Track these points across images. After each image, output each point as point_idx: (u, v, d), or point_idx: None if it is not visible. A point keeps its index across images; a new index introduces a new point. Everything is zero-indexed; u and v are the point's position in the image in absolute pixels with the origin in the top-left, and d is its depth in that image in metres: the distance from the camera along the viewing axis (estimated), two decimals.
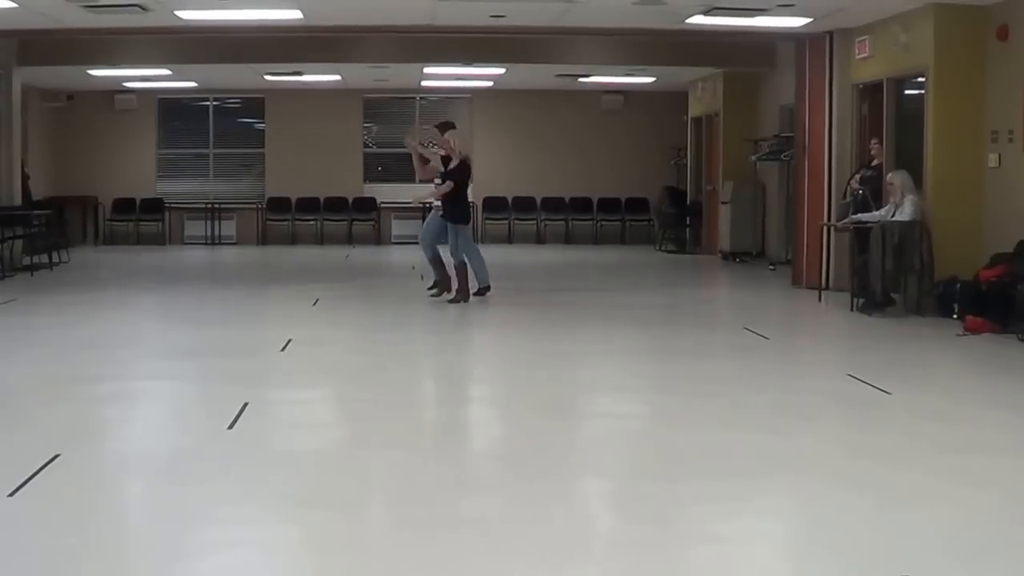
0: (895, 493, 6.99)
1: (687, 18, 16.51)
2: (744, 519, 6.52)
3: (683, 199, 26.02)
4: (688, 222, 25.72)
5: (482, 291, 16.32)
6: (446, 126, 16.95)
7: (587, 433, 9.00)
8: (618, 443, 8.50)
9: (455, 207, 16.16)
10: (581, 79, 25.72)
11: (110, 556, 5.95)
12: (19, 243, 21.50)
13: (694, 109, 25.95)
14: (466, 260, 16.09)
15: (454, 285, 15.99)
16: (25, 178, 23.34)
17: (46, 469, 7.41)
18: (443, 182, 16.14)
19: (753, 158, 22.18)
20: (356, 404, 10.00)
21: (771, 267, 21.10)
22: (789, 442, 8.30)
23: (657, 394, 10.40)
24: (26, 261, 21.37)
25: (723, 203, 23.23)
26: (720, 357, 12.31)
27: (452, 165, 16.12)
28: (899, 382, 10.48)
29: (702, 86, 25.09)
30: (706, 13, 16.09)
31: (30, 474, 7.25)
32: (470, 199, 17.59)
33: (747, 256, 22.64)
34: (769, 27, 17.31)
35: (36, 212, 22.46)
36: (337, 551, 6.02)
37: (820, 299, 16.36)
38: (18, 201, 22.39)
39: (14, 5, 15.62)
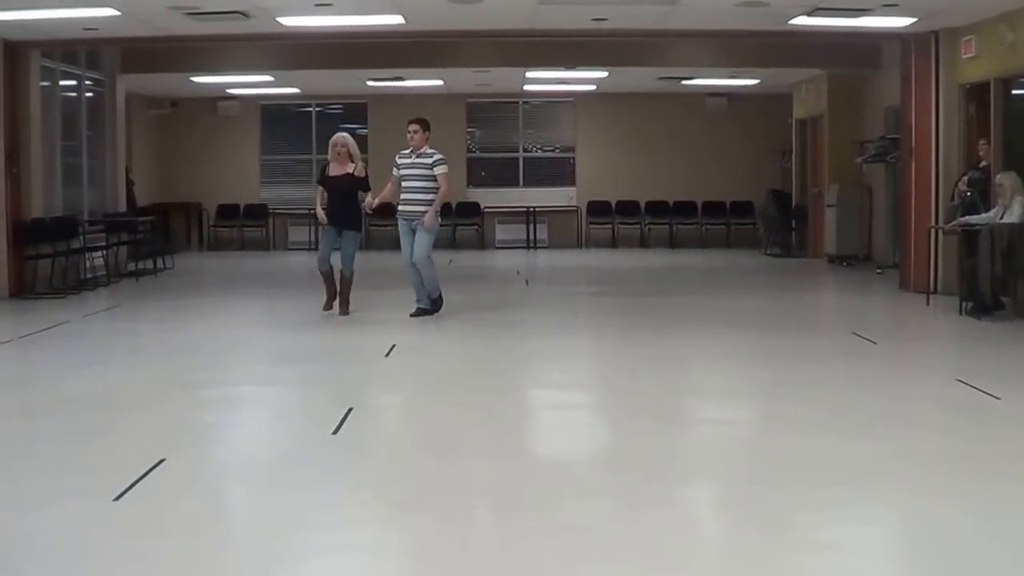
0: (1003, 503, 6.85)
1: (790, 19, 16.38)
2: (851, 526, 6.42)
3: (788, 202, 25.82)
4: (793, 225, 25.52)
5: (440, 305, 15.44)
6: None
7: (693, 439, 8.92)
8: (724, 448, 8.42)
9: (356, 215, 15.65)
10: (684, 82, 25.61)
11: (213, 561, 5.96)
12: (124, 249, 21.73)
13: (798, 111, 25.74)
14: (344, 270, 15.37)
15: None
16: (130, 184, 23.60)
17: (151, 474, 7.47)
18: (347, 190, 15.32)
19: (859, 160, 21.96)
20: (459, 410, 9.98)
21: (878, 271, 20.86)
22: (897, 448, 8.17)
23: (763, 399, 10.30)
24: (131, 267, 21.60)
25: (829, 206, 23.02)
26: (827, 362, 12.16)
27: (358, 171, 15.41)
28: (1009, 387, 10.30)
29: (806, 88, 24.89)
30: (810, 14, 15.96)
31: (135, 479, 7.30)
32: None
33: (854, 260, 22.40)
34: (873, 27, 17.13)
35: (141, 218, 22.71)
36: (440, 557, 6.00)
37: (928, 303, 16.14)
38: (123, 207, 22.65)
39: (118, 13, 15.76)
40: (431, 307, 15.24)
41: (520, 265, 24.21)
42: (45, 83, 19.45)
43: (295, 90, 27.14)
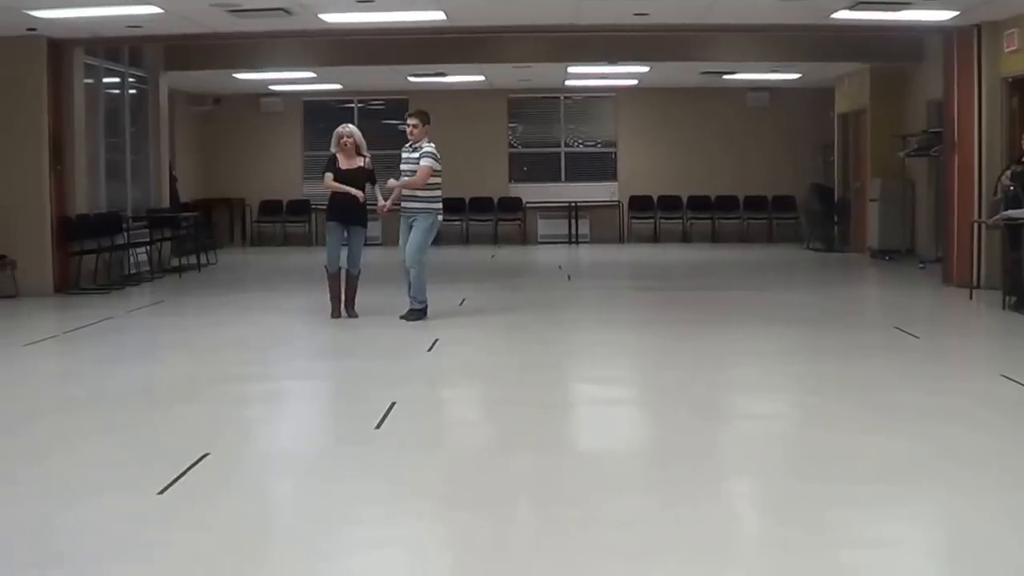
0: None
1: (832, 13, 16.33)
2: (892, 523, 6.40)
3: (831, 196, 25.73)
4: (836, 220, 25.43)
5: (423, 314, 14.62)
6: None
7: (735, 434, 8.91)
8: (766, 444, 8.41)
9: (363, 210, 14.92)
10: (726, 76, 25.56)
11: (257, 555, 6.00)
12: (168, 245, 21.83)
13: (840, 105, 25.64)
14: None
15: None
16: (173, 181, 23.70)
17: (195, 468, 7.52)
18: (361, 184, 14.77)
19: (901, 154, 21.87)
20: (502, 404, 10.01)
21: (921, 265, 20.77)
22: (939, 445, 8.15)
23: (805, 394, 10.28)
24: (175, 262, 21.71)
25: (871, 200, 22.95)
26: (870, 357, 12.13)
27: (368, 164, 15.01)
28: None
29: (848, 82, 24.79)
30: (852, 8, 15.92)
31: (179, 472, 7.36)
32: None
33: (896, 254, 22.31)
34: (916, 21, 17.08)
35: (184, 214, 22.81)
36: (483, 552, 6.02)
37: (971, 297, 16.08)
38: (167, 204, 22.75)
39: (161, 11, 15.84)
40: (421, 311, 14.56)
41: (562, 260, 24.22)
42: (89, 81, 19.55)
43: (337, 86, 27.21)
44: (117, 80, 21.43)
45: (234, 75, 24.37)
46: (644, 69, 24.32)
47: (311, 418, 9.96)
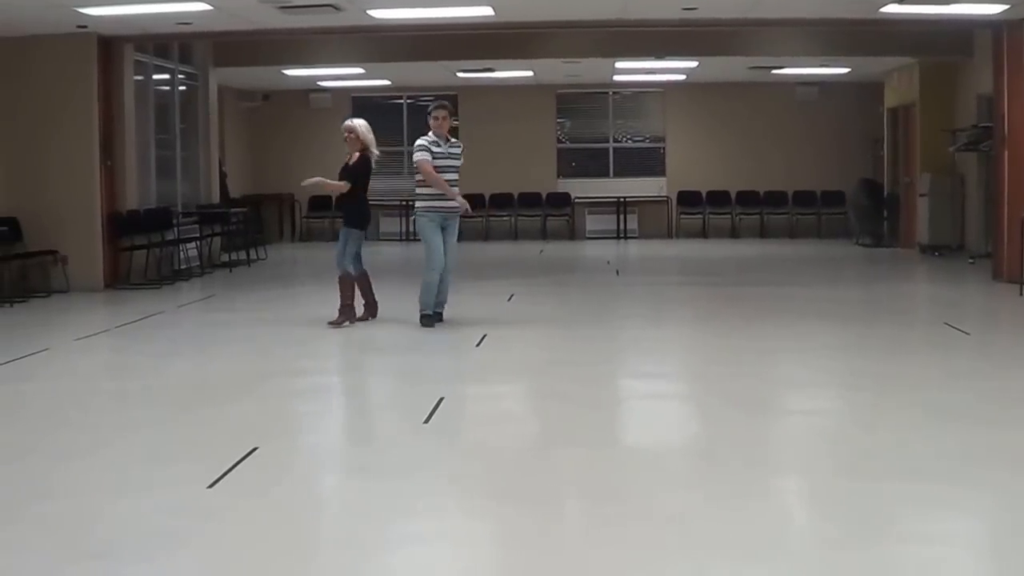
0: None
1: (881, 7, 16.26)
2: (942, 520, 6.38)
3: (880, 192, 25.63)
4: (885, 215, 25.33)
5: (426, 318, 13.72)
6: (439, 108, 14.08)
7: (784, 429, 8.89)
8: (814, 440, 8.39)
9: (350, 208, 14.25)
10: (774, 71, 25.50)
11: (305, 549, 6.03)
12: (218, 240, 21.93)
13: (890, 100, 25.52)
14: (351, 271, 13.95)
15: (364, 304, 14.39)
16: (223, 176, 23.83)
17: (245, 462, 7.56)
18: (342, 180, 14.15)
19: (951, 149, 21.76)
20: (550, 399, 10.01)
21: (971, 260, 20.66)
22: (989, 441, 8.09)
23: (854, 391, 10.24)
24: (224, 258, 21.82)
25: (921, 195, 22.83)
26: (919, 353, 12.09)
27: (352, 160, 14.21)
28: None
29: (898, 76, 24.68)
30: (901, 1, 15.85)
31: (229, 466, 7.40)
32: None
33: (946, 249, 22.19)
34: (965, 15, 16.99)
35: (234, 210, 22.89)
36: (530, 547, 6.03)
37: (1021, 293, 15.97)
38: (217, 199, 22.87)
39: (210, 8, 15.92)
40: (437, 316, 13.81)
41: (610, 255, 24.19)
42: (139, 77, 19.66)
43: (386, 82, 27.27)
44: (167, 77, 21.54)
45: (283, 71, 24.47)
46: (692, 64, 24.29)
47: (360, 413, 10.00)
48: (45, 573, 5.67)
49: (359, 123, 14.45)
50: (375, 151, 14.40)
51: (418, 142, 13.79)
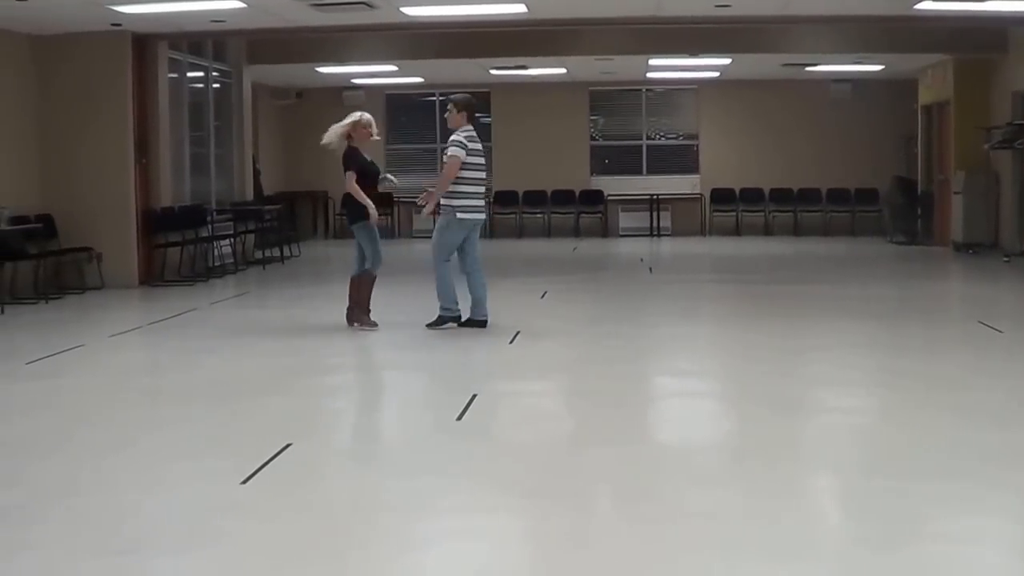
0: None
1: (915, 3, 16.23)
2: (975, 518, 6.34)
3: (914, 189, 25.53)
4: (919, 213, 25.23)
5: (441, 321, 13.20)
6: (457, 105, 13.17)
7: (816, 428, 8.86)
8: (846, 439, 8.36)
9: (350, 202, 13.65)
10: (808, 68, 25.43)
11: (338, 545, 6.04)
12: (251, 237, 21.99)
13: (924, 97, 25.43)
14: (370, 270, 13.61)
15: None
16: (257, 174, 23.88)
17: (278, 458, 7.58)
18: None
19: (986, 147, 21.68)
20: (583, 397, 10.03)
21: (1005, 259, 20.58)
22: (1022, 440, 8.08)
23: (886, 389, 10.21)
24: (258, 255, 21.86)
25: (955, 193, 22.74)
26: (952, 351, 12.04)
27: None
28: None
29: (932, 73, 24.58)
30: None
31: (262, 463, 7.42)
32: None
33: (980, 247, 22.10)
34: (1000, 12, 16.94)
35: (267, 207, 22.96)
36: (563, 544, 6.03)
37: None
38: (250, 196, 22.92)
39: (243, 5, 15.97)
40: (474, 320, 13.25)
41: (643, 253, 24.18)
42: (173, 75, 19.72)
43: (419, 79, 27.30)
44: (201, 74, 21.60)
45: (317, 69, 24.55)
46: (726, 61, 24.25)
47: (393, 409, 10.02)
48: (77, 568, 5.69)
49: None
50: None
51: (453, 137, 13.00)
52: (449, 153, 12.87)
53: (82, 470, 7.50)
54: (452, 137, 12.93)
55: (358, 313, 13.42)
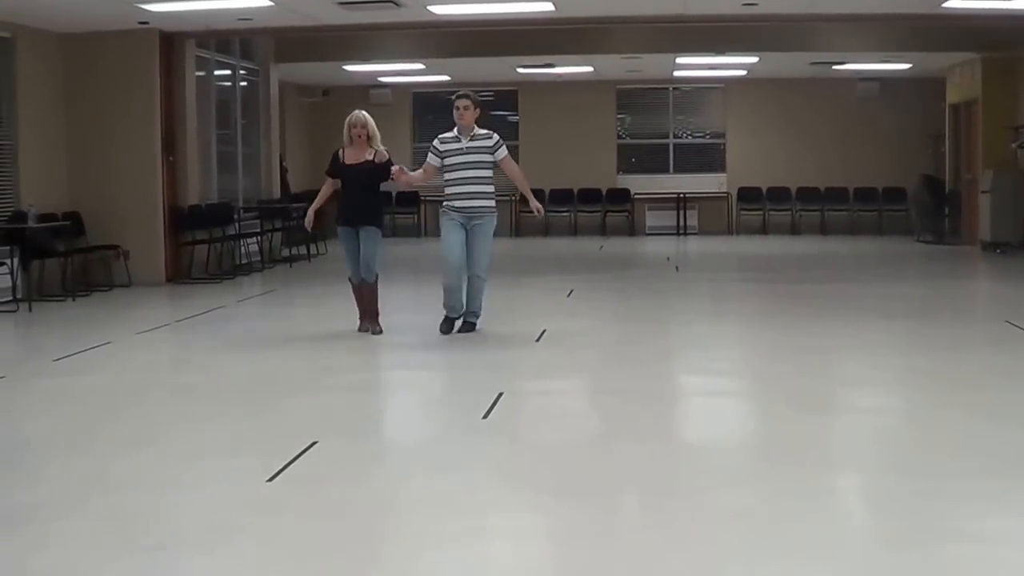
0: None
1: (943, 1, 16.16)
2: (1003, 518, 6.32)
3: (941, 188, 25.44)
4: (947, 212, 25.15)
5: (444, 322, 12.87)
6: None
7: (842, 427, 8.83)
8: (871, 438, 8.34)
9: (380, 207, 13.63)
10: (835, 66, 25.35)
11: (364, 542, 6.05)
12: (278, 235, 22.03)
13: (952, 95, 25.34)
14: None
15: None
16: (283, 171, 23.91)
17: (303, 456, 7.58)
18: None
19: (1014, 145, 21.60)
20: (609, 395, 10.01)
21: None
22: None
23: (913, 389, 10.18)
24: (285, 253, 21.88)
25: (983, 192, 22.65)
26: (980, 352, 11.99)
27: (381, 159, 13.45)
28: None
29: (960, 72, 24.50)
30: None
31: (288, 461, 7.42)
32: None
33: (1008, 247, 22.00)
34: None
35: (294, 205, 22.95)
36: (588, 543, 6.01)
37: None
38: (277, 194, 22.95)
39: (271, 3, 15.99)
40: (475, 321, 12.90)
41: (670, 251, 24.15)
42: (200, 73, 19.76)
43: (446, 77, 27.30)
44: (228, 72, 21.65)
45: (344, 67, 24.57)
46: (753, 60, 24.20)
47: (419, 408, 10.01)
48: (104, 565, 5.70)
49: (369, 117, 13.87)
50: (379, 147, 13.62)
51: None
52: (506, 154, 12.81)
53: (108, 467, 7.52)
54: (497, 137, 12.86)
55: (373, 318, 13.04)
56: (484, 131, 12.82)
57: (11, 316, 15.00)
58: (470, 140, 12.69)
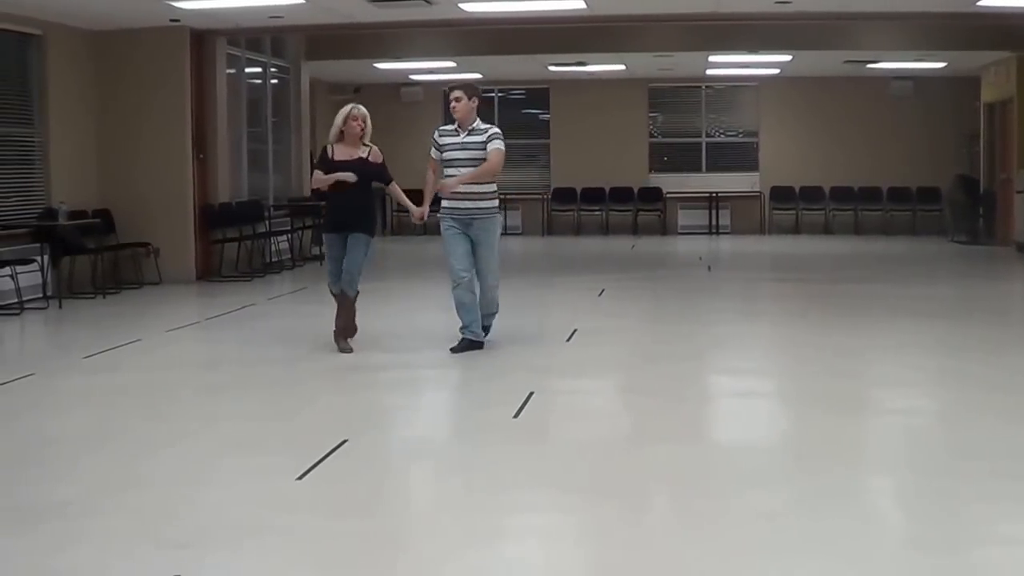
0: None
1: (978, 0, 16.07)
2: None
3: (976, 188, 25.33)
4: (981, 212, 25.03)
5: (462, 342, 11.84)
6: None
7: (874, 428, 8.78)
8: (903, 439, 8.27)
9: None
10: (869, 65, 25.25)
11: (393, 541, 6.03)
12: (308, 233, 22.02)
13: (987, 95, 25.21)
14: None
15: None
16: (315, 169, 23.85)
17: (334, 454, 7.57)
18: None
19: None
20: (640, 394, 9.97)
21: None
22: None
23: (946, 390, 10.12)
24: (315, 251, 21.85)
25: (1018, 192, 22.54)
26: (1013, 352, 11.88)
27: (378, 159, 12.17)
28: None
29: (995, 71, 24.37)
30: None
31: (318, 458, 7.41)
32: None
33: None
34: None
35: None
36: (618, 543, 5.98)
37: None
38: (308, 192, 22.90)
39: (302, 1, 16.00)
40: (483, 335, 11.99)
41: (702, 251, 24.08)
42: (231, 71, 19.79)
43: (477, 76, 27.25)
44: (259, 70, 21.67)
45: (374, 64, 24.57)
46: (786, 58, 24.11)
47: (449, 406, 9.99)
48: (132, 561, 5.70)
49: (366, 112, 12.00)
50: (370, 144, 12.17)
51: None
52: (497, 146, 11.56)
53: (139, 464, 7.52)
54: (494, 131, 11.67)
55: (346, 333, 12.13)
56: (484, 125, 11.74)
57: (41, 313, 15.02)
58: (467, 134, 11.63)
